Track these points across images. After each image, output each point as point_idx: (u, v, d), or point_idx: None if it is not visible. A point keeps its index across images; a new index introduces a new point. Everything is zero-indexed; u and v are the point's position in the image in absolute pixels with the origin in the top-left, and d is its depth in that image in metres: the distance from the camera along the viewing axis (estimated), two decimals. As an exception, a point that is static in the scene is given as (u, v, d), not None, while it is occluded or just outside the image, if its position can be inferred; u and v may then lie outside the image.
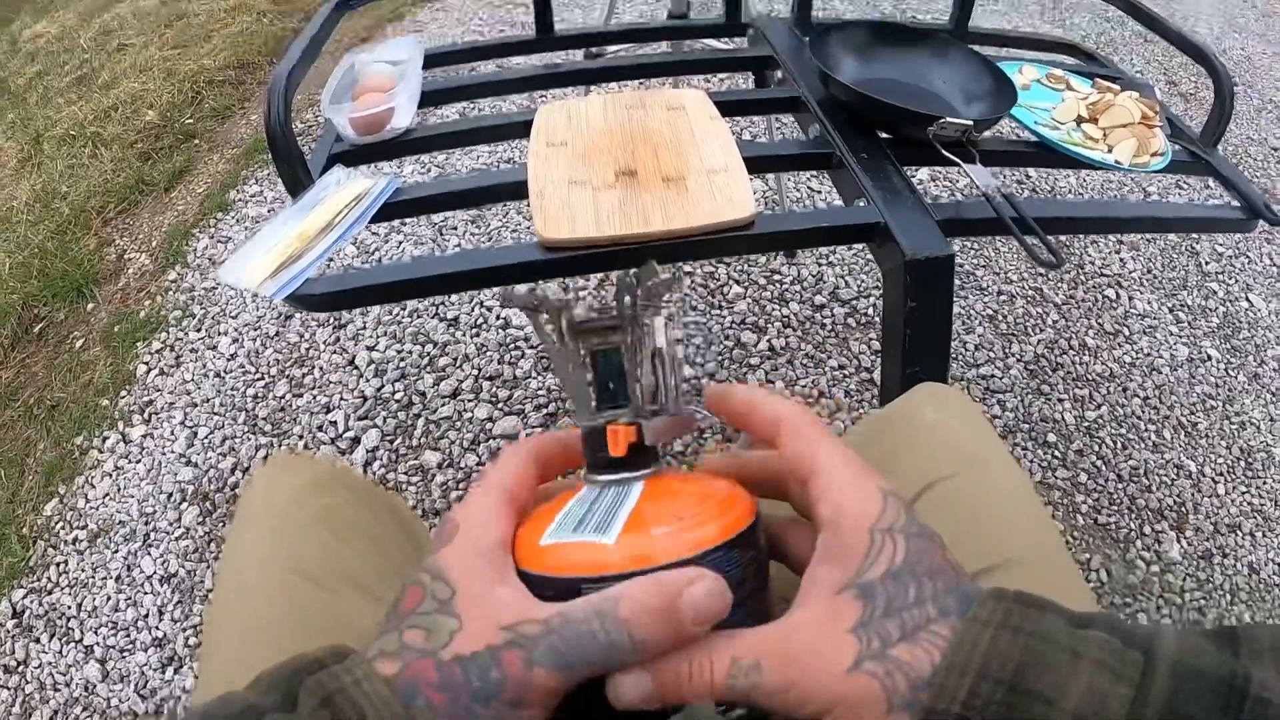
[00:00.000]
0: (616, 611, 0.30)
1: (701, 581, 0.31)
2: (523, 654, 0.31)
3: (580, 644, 0.30)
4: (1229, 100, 0.92)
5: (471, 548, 0.35)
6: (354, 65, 0.92)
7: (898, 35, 0.95)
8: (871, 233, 0.73)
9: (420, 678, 0.31)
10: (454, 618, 0.32)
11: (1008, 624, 0.28)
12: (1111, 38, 2.66)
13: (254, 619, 0.50)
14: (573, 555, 0.34)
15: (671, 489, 0.37)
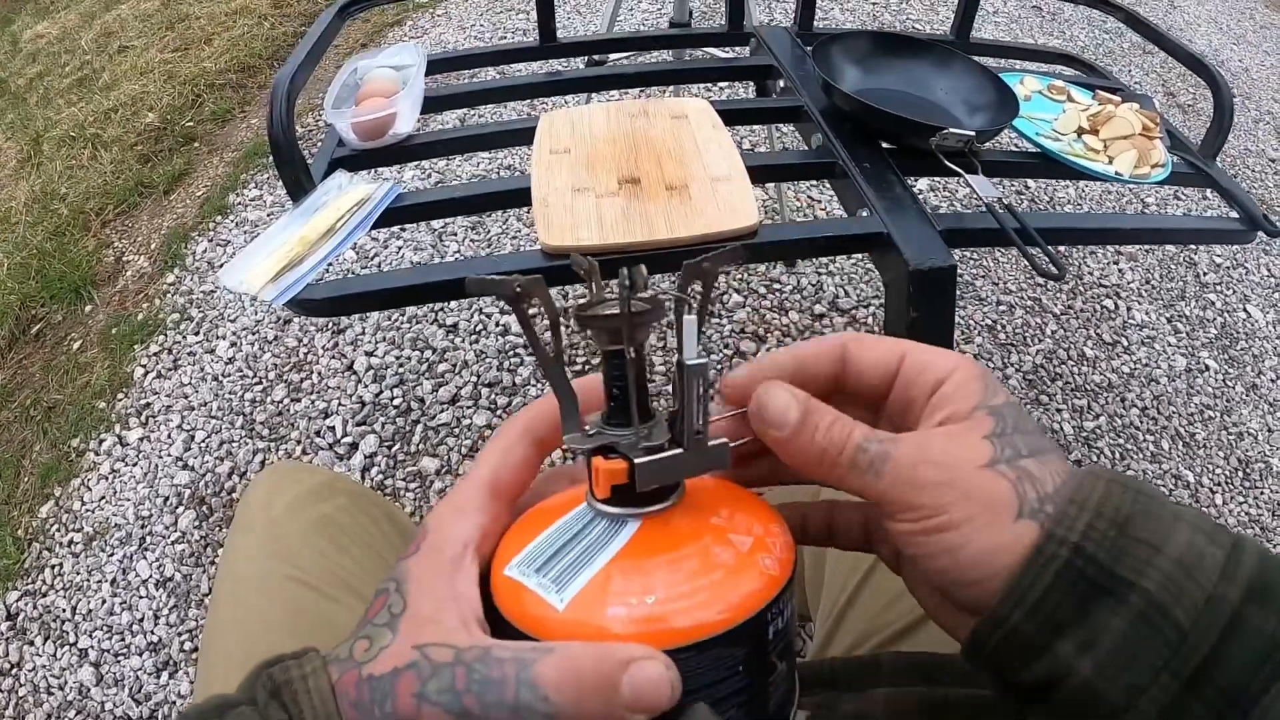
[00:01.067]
0: (537, 666, 0.27)
1: (652, 663, 0.27)
2: (417, 684, 0.28)
3: (483, 692, 0.27)
4: (1229, 112, 0.93)
5: (432, 559, 0.32)
6: (356, 70, 0.92)
7: (900, 45, 0.95)
8: (874, 243, 0.73)
9: (344, 692, 0.29)
10: (394, 632, 0.30)
11: (1118, 480, 0.29)
12: (1110, 49, 2.67)
13: (252, 625, 0.50)
14: (524, 603, 0.30)
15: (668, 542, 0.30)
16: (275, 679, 0.30)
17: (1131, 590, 0.26)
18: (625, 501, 0.31)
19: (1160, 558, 0.27)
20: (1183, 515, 0.28)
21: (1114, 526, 0.27)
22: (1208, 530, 0.28)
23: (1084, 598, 0.27)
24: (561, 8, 2.56)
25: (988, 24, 2.67)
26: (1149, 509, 0.28)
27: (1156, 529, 0.27)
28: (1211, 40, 2.92)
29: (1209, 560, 0.27)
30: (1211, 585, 0.26)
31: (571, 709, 0.26)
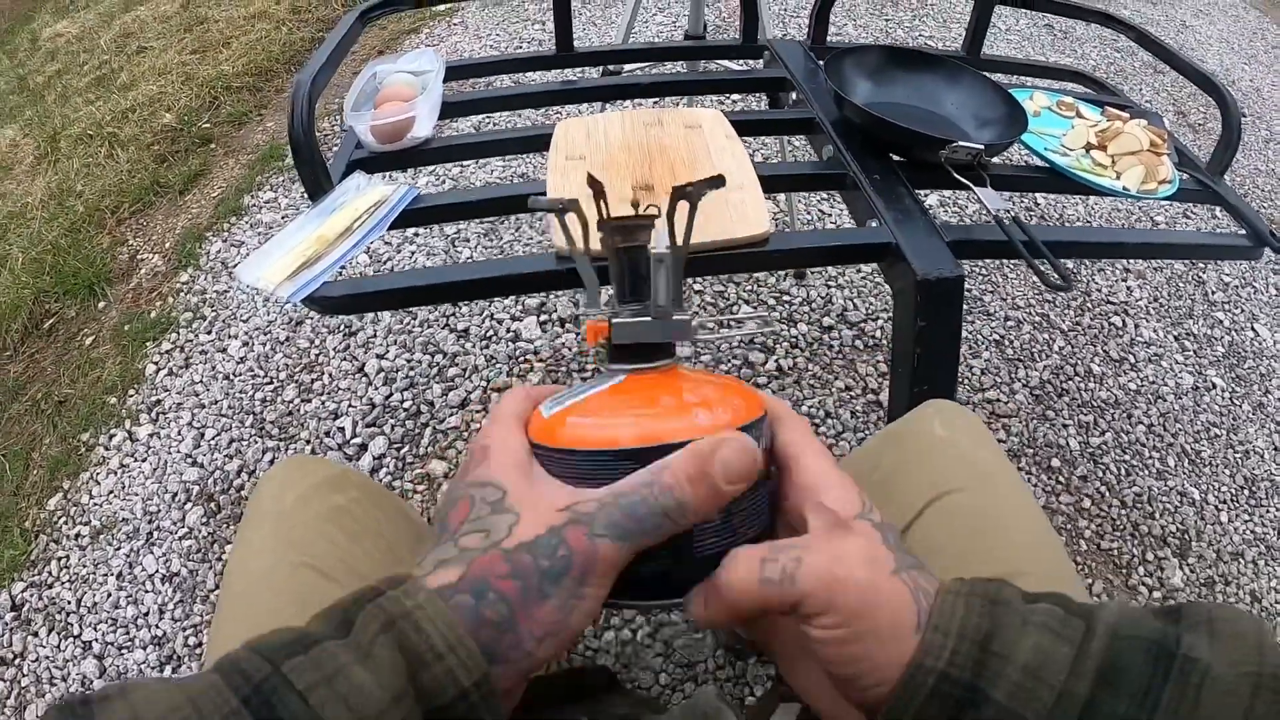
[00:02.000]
0: (661, 479, 0.34)
1: (729, 443, 0.35)
2: (585, 529, 0.33)
3: (634, 512, 0.33)
4: (1237, 129, 0.94)
5: (509, 458, 0.37)
6: (376, 75, 0.94)
7: (911, 60, 0.96)
8: (883, 253, 0.74)
9: (488, 571, 0.33)
10: (510, 513, 0.34)
11: (975, 592, 0.32)
12: (1121, 68, 2.68)
13: (262, 608, 0.51)
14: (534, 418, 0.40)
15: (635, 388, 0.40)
16: (388, 611, 0.31)
17: (987, 701, 0.29)
18: (623, 360, 0.42)
19: (1009, 667, 0.29)
20: (1031, 619, 0.31)
21: (975, 645, 0.30)
22: (1056, 628, 0.30)
23: (954, 709, 0.30)
24: (578, 19, 2.58)
25: (1000, 41, 2.68)
26: (1001, 620, 0.31)
27: (1008, 638, 0.30)
28: (1223, 60, 2.93)
29: (1057, 660, 0.29)
30: (1060, 683, 0.29)
31: (693, 495, 0.34)
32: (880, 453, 0.58)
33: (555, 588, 0.32)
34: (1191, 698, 0.28)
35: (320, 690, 0.28)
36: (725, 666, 1.10)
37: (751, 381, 1.48)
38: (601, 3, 2.68)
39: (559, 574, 0.32)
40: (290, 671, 0.28)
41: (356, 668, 0.29)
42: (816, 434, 1.40)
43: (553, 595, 0.32)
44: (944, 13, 2.80)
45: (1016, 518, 0.51)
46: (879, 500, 0.54)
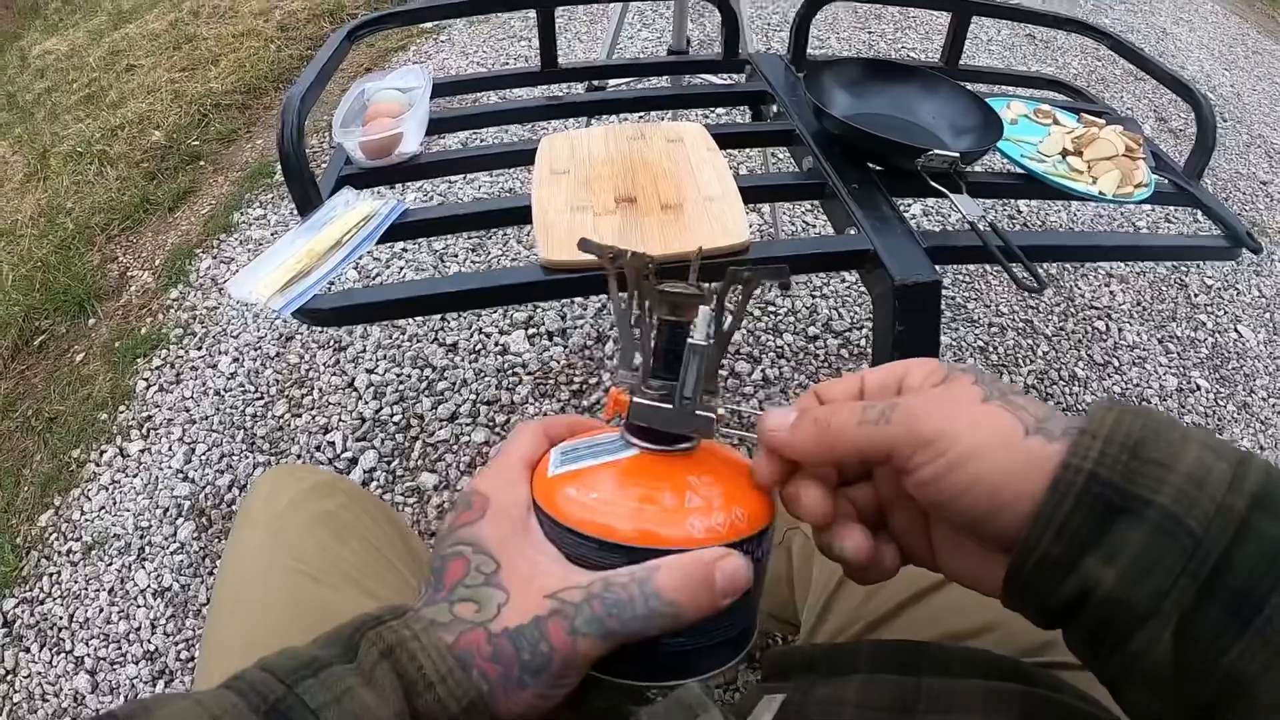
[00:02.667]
0: (655, 580, 0.34)
1: (730, 558, 0.35)
2: (566, 623, 0.33)
3: (619, 610, 0.33)
4: (1211, 132, 0.95)
5: (507, 520, 0.37)
6: (364, 92, 0.95)
7: (888, 71, 0.98)
8: (862, 260, 0.75)
9: (474, 650, 0.33)
10: (501, 590, 0.35)
11: (1129, 410, 0.31)
12: (1103, 76, 2.72)
13: (253, 612, 0.52)
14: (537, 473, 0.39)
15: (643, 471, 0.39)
16: (386, 639, 0.33)
17: (1148, 506, 0.29)
18: (640, 436, 0.39)
19: (1172, 474, 0.29)
20: (1191, 435, 0.30)
21: (1125, 451, 0.29)
22: (1215, 447, 0.30)
23: (1104, 516, 0.29)
24: (563, 35, 2.61)
25: (981, 52, 2.72)
26: (1159, 432, 0.30)
27: (1167, 449, 0.29)
28: (1204, 66, 2.97)
29: (1217, 474, 0.29)
30: (1220, 496, 0.28)
31: (688, 604, 0.34)
32: None
33: (535, 680, 0.33)
34: None
35: (331, 709, 0.31)
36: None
37: (738, 391, 1.49)
38: (587, 19, 2.70)
39: (539, 669, 0.33)
40: (304, 692, 0.31)
41: (362, 689, 0.32)
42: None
43: (531, 686, 0.33)
44: (926, 25, 2.84)
45: None
46: None
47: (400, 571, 0.60)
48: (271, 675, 0.32)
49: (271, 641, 0.50)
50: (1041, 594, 0.31)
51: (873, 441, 0.33)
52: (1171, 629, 0.28)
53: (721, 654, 0.38)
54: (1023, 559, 0.31)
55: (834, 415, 0.35)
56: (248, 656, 0.34)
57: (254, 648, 0.50)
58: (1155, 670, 0.29)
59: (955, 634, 0.51)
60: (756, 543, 0.38)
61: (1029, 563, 0.31)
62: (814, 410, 0.36)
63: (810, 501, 0.36)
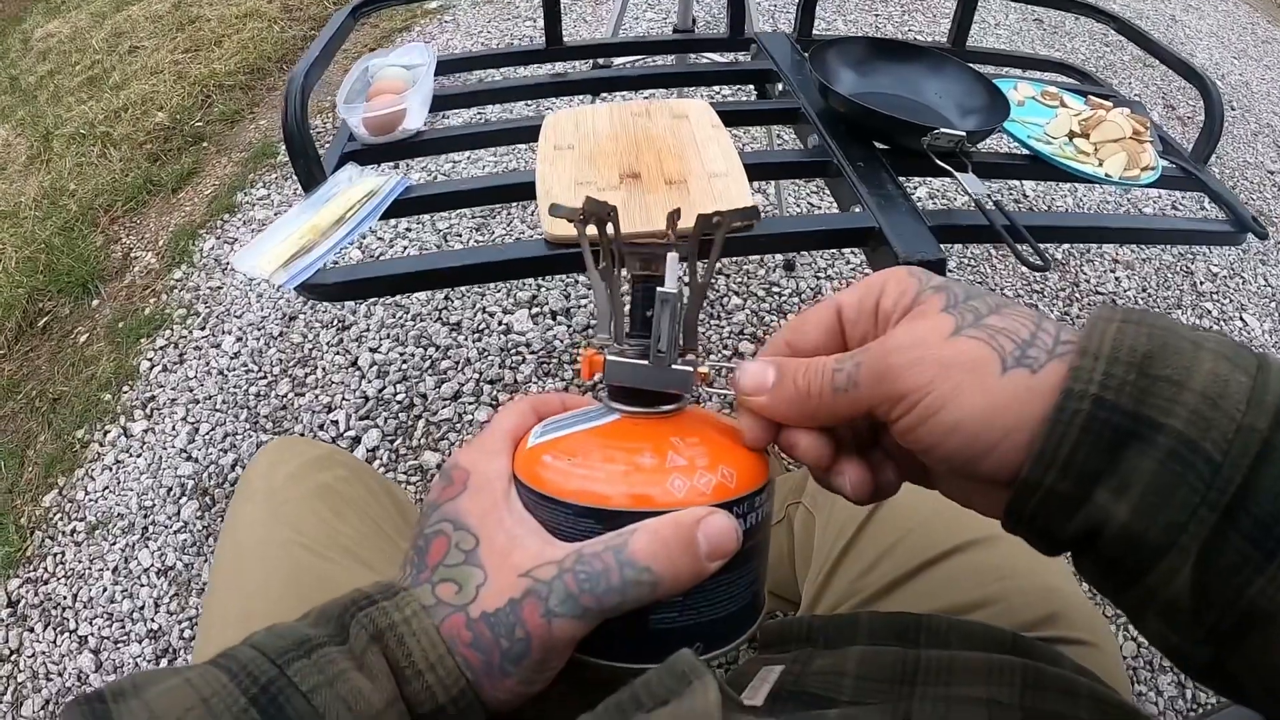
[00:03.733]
0: (630, 547, 0.32)
1: (715, 517, 0.33)
2: (541, 605, 0.32)
3: (593, 583, 0.31)
4: (1219, 116, 0.95)
5: (487, 493, 0.35)
6: (368, 69, 0.95)
7: (895, 50, 0.97)
8: (866, 237, 0.75)
9: (455, 635, 0.32)
10: (479, 569, 0.33)
11: (1130, 319, 0.28)
12: (1111, 61, 2.70)
13: (251, 585, 0.52)
14: (560, 477, 0.35)
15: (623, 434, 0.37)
16: (376, 622, 0.32)
17: (1159, 430, 0.26)
18: (621, 400, 0.38)
19: (1185, 393, 0.26)
20: (1203, 343, 0.27)
21: (1132, 369, 0.27)
22: (1230, 355, 0.27)
23: (1113, 445, 0.26)
24: (569, 15, 2.59)
25: (989, 36, 2.70)
26: (1167, 342, 0.27)
27: (1178, 363, 0.26)
28: (1213, 54, 2.95)
29: (1235, 389, 0.26)
30: (1239, 415, 0.25)
31: (668, 571, 0.31)
32: None
33: (516, 669, 0.32)
34: None
35: (323, 692, 0.30)
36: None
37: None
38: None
39: (519, 656, 0.32)
40: (294, 673, 0.30)
41: (354, 673, 0.31)
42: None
43: (513, 674, 0.32)
44: (933, 7, 2.81)
45: None
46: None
47: (398, 544, 0.60)
48: (262, 654, 0.31)
49: (269, 614, 0.50)
50: (1048, 529, 0.29)
51: (849, 407, 0.32)
52: (1190, 563, 0.26)
53: (721, 631, 0.36)
54: (1025, 496, 0.28)
55: (810, 381, 0.33)
56: (245, 629, 0.34)
57: (252, 619, 0.50)
58: (1174, 603, 0.27)
59: (954, 608, 0.51)
60: (749, 504, 0.35)
61: (1033, 500, 0.28)
62: (789, 373, 0.34)
63: (806, 448, 0.35)
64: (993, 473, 0.29)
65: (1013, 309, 0.31)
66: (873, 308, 0.33)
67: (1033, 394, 0.28)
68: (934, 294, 0.32)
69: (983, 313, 0.30)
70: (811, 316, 0.36)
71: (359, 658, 0.31)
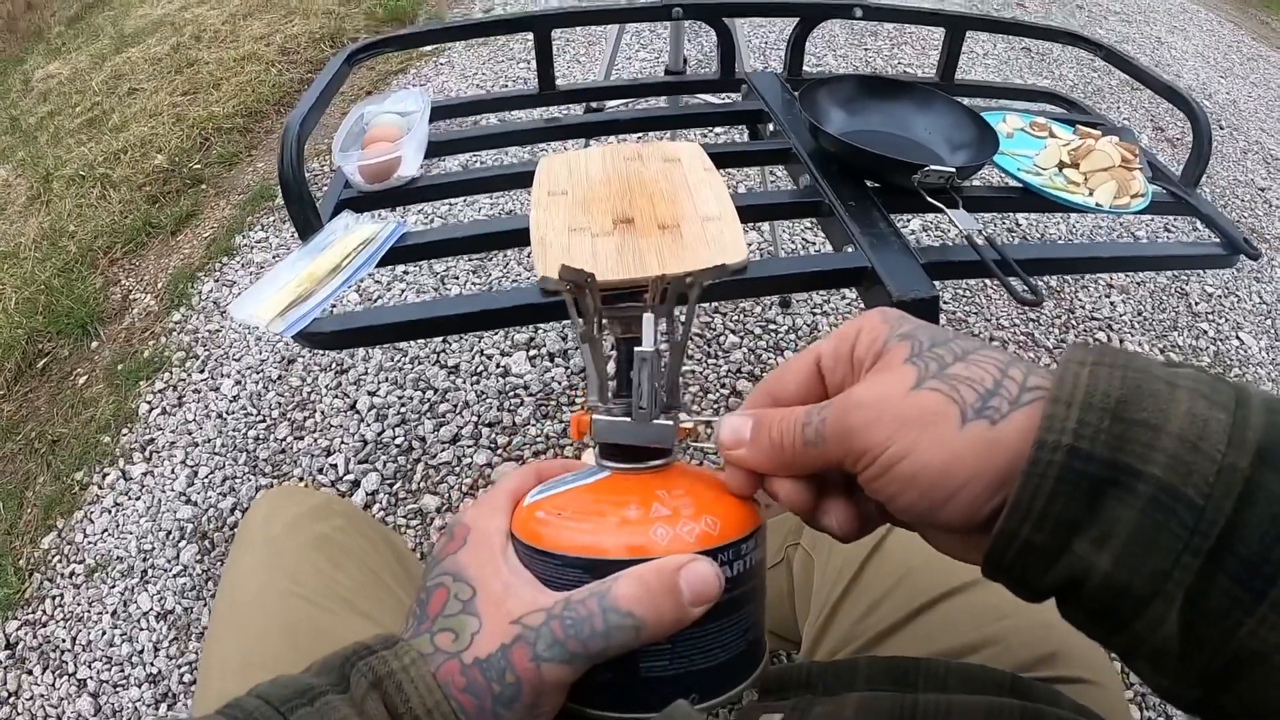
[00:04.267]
0: (613, 593, 0.32)
1: (697, 563, 0.33)
2: (529, 650, 0.32)
3: (578, 628, 0.32)
4: (1207, 140, 0.96)
5: (485, 547, 0.37)
6: (363, 116, 0.96)
7: (883, 87, 0.99)
8: (859, 277, 0.75)
9: (450, 680, 0.33)
10: (475, 617, 0.34)
11: (1103, 361, 0.28)
12: (1099, 87, 2.73)
13: (250, 635, 0.52)
14: (549, 530, 0.37)
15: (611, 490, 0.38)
16: (376, 670, 0.33)
17: (1138, 478, 0.25)
18: (610, 458, 0.39)
19: (1163, 437, 0.25)
20: (1179, 381, 0.27)
21: (1106, 415, 0.26)
22: (1207, 393, 0.26)
23: (1091, 495, 0.26)
24: (561, 57, 2.63)
25: (977, 66, 2.73)
26: (1141, 384, 0.26)
27: (1154, 405, 0.26)
28: (1199, 74, 2.99)
29: (1214, 428, 0.25)
30: (1220, 455, 0.25)
31: (651, 616, 0.32)
32: None
33: (508, 712, 0.33)
34: None
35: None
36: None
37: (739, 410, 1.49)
38: (585, 41, 2.73)
39: (510, 700, 0.33)
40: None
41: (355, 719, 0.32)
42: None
43: (506, 716, 0.33)
44: (922, 40, 2.86)
45: None
46: None
47: (397, 595, 0.60)
48: (266, 703, 0.32)
49: (267, 664, 0.50)
50: (1026, 579, 0.29)
51: (819, 460, 0.33)
52: (1177, 608, 0.25)
53: (716, 680, 0.36)
54: (1003, 547, 0.28)
55: (784, 434, 0.33)
56: (244, 678, 0.34)
57: (250, 669, 0.50)
58: (1162, 649, 0.26)
59: (951, 650, 0.51)
60: (734, 551, 0.36)
61: (1010, 551, 0.28)
62: (765, 426, 0.34)
63: (788, 495, 0.35)
64: (950, 523, 0.30)
65: (980, 354, 0.31)
66: (848, 354, 0.34)
67: (993, 446, 0.28)
68: (899, 343, 0.32)
69: (947, 361, 0.30)
70: (793, 366, 0.36)
71: (359, 705, 0.32)
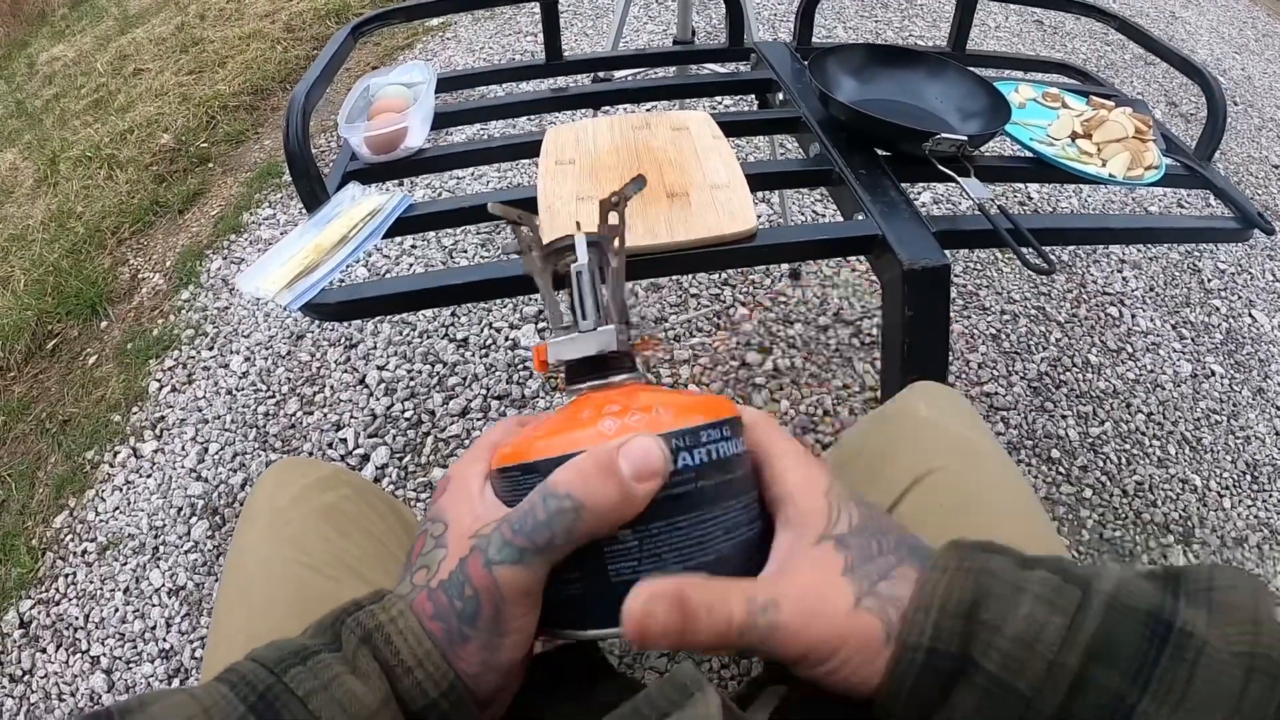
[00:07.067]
0: (551, 479, 0.33)
1: (638, 439, 0.33)
2: (481, 556, 0.33)
3: (522, 526, 0.32)
4: (1221, 113, 0.94)
5: (462, 487, 0.37)
6: (369, 88, 0.95)
7: (894, 56, 0.97)
8: (870, 245, 0.75)
9: (421, 611, 0.34)
10: (444, 549, 0.35)
11: (962, 566, 0.32)
12: (1112, 61, 2.69)
13: (256, 604, 0.52)
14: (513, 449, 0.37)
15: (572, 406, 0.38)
16: (364, 625, 0.33)
17: (978, 671, 0.30)
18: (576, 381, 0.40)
19: (999, 638, 0.29)
20: (1026, 586, 0.30)
21: (959, 619, 0.30)
22: (1051, 597, 0.30)
23: (945, 683, 0.30)
24: (568, 30, 2.60)
25: (989, 38, 2.70)
26: (990, 590, 0.30)
27: (997, 609, 0.30)
28: (1214, 50, 2.94)
29: (1049, 631, 0.29)
30: (1053, 654, 0.29)
31: (589, 496, 0.32)
32: (867, 434, 0.59)
33: (473, 629, 0.33)
34: (1185, 675, 0.27)
35: (318, 696, 0.31)
36: (730, 665, 1.11)
37: (749, 382, 1.48)
38: (592, 13, 2.70)
39: (472, 615, 0.33)
40: (291, 680, 0.31)
41: (348, 676, 0.32)
42: (815, 432, 1.41)
43: (473, 637, 0.33)
44: (933, 12, 2.82)
45: (999, 492, 0.52)
46: (865, 482, 0.55)
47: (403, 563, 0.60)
48: (260, 665, 0.32)
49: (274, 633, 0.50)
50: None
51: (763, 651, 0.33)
52: None
53: None
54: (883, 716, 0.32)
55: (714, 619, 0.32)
56: (250, 648, 0.34)
57: (256, 640, 0.50)
58: None
59: None
60: (691, 437, 0.34)
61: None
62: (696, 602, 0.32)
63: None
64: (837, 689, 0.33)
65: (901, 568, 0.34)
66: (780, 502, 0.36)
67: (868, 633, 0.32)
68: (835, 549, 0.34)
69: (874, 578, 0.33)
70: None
71: (351, 661, 0.32)
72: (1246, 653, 0.27)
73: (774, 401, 1.46)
